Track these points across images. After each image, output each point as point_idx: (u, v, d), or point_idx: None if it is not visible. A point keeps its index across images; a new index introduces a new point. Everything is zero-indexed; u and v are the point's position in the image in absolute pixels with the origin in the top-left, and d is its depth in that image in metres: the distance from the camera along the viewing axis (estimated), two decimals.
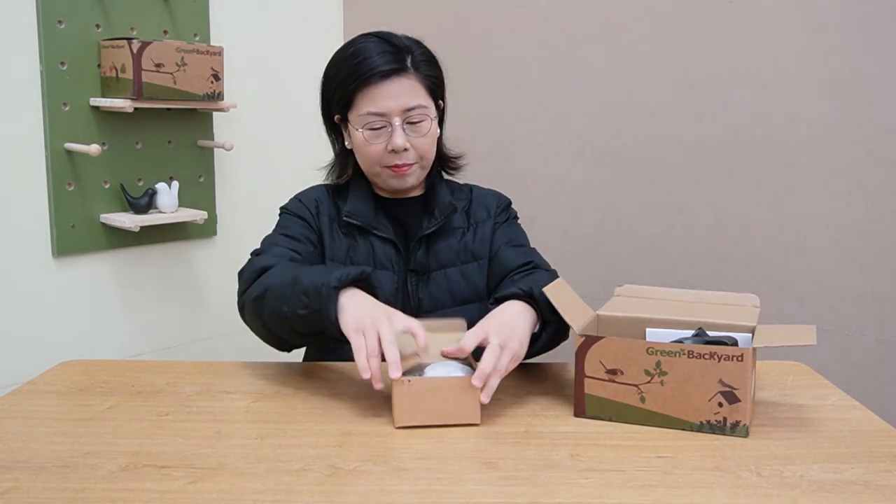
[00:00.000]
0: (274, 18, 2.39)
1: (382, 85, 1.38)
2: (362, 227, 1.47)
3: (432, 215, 1.48)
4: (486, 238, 1.52)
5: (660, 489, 0.96)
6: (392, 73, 1.38)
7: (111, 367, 1.44)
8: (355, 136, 1.43)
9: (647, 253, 2.27)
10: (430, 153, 1.46)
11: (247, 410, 1.23)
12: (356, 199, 1.49)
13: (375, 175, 1.46)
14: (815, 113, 2.06)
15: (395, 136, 1.39)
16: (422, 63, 1.42)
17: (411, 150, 1.42)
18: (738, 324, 1.23)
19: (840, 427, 1.16)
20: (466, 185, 1.60)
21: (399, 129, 1.39)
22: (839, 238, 2.06)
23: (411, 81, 1.40)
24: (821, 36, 2.03)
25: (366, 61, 1.38)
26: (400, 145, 1.39)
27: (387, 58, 1.38)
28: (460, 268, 1.49)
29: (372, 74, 1.38)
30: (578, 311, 1.24)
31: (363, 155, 1.44)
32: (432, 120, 1.43)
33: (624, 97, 2.26)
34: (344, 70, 1.41)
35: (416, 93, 1.40)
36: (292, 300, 1.22)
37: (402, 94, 1.39)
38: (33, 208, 1.89)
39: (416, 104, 1.40)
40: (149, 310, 2.14)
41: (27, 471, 1.00)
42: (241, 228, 2.31)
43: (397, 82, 1.39)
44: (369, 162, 1.44)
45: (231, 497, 0.94)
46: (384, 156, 1.42)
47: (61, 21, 1.87)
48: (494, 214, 1.54)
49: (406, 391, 1.13)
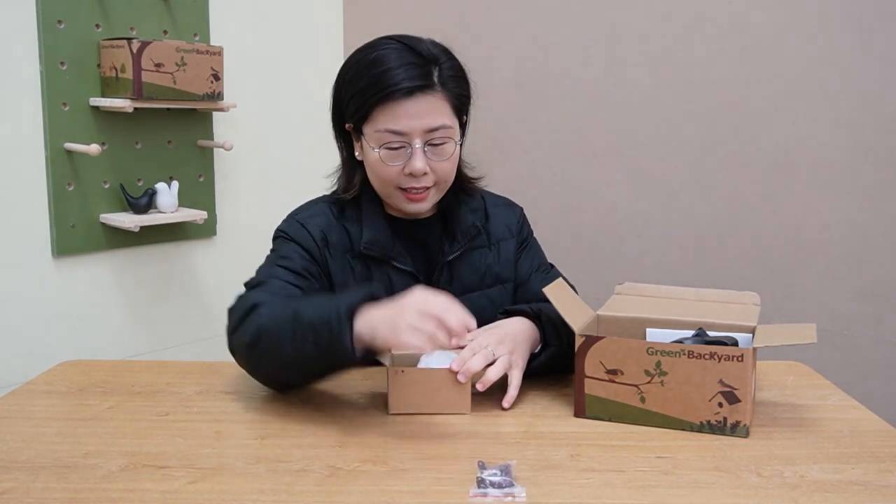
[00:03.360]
0: (274, 18, 2.39)
1: (405, 102, 1.24)
2: (380, 258, 1.34)
3: (454, 239, 1.37)
4: (509, 259, 1.43)
5: (660, 489, 0.96)
6: (416, 91, 1.24)
7: (111, 367, 1.44)
8: (369, 153, 1.29)
9: (646, 253, 2.27)
10: (450, 178, 1.33)
11: (247, 410, 1.23)
12: (372, 227, 1.34)
13: (388, 197, 1.33)
14: (815, 113, 2.06)
15: (414, 160, 1.26)
16: (449, 79, 1.28)
17: (430, 174, 1.28)
18: (739, 324, 1.23)
19: (840, 427, 1.15)
20: (477, 192, 1.46)
21: (419, 151, 1.26)
22: (839, 238, 2.06)
23: (437, 100, 1.26)
24: (820, 36, 2.03)
25: (388, 73, 1.24)
26: (419, 169, 1.26)
27: (412, 72, 1.24)
28: (485, 291, 1.41)
29: (394, 90, 1.23)
30: (578, 311, 1.23)
31: (377, 175, 1.30)
32: (456, 143, 1.30)
33: (624, 97, 2.26)
34: (363, 79, 1.26)
35: (441, 112, 1.26)
36: (296, 338, 1.11)
37: (425, 114, 1.25)
38: (33, 208, 1.89)
39: (441, 125, 1.26)
40: (149, 310, 2.14)
41: (27, 471, 1.00)
42: (241, 228, 2.31)
43: (422, 100, 1.24)
44: (382, 183, 1.31)
45: (231, 497, 0.94)
46: (400, 178, 1.28)
47: (61, 21, 1.87)
48: (516, 233, 1.46)
49: (400, 381, 1.17)
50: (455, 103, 1.29)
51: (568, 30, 2.31)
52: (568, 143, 2.35)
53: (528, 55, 2.37)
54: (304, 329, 1.10)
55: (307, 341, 1.10)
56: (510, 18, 2.38)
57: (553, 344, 1.27)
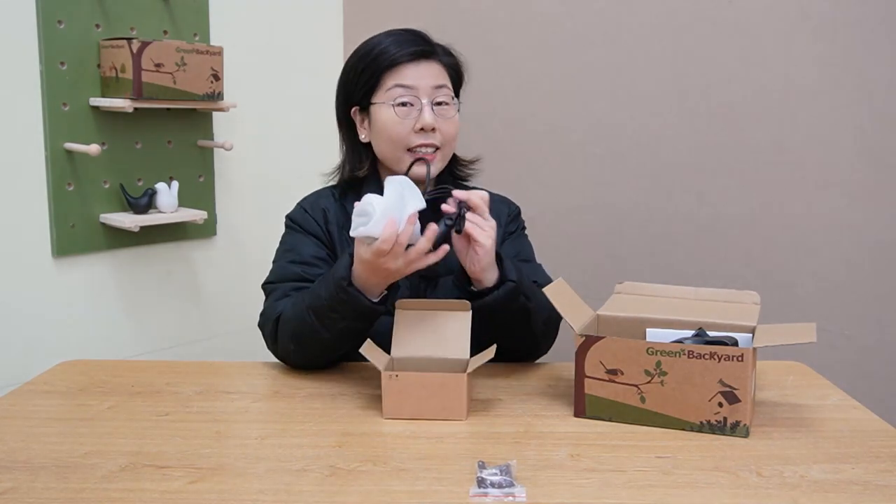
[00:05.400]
0: (274, 18, 2.39)
1: (411, 65, 1.39)
2: None
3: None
4: None
5: (660, 489, 0.96)
6: (420, 57, 1.39)
7: (111, 367, 1.44)
8: (380, 116, 1.39)
9: (646, 253, 2.27)
10: (453, 142, 1.44)
11: (247, 410, 1.23)
12: None
13: (398, 161, 1.40)
14: (815, 113, 2.06)
15: (424, 114, 1.37)
16: (444, 55, 1.44)
17: (438, 133, 1.39)
18: (739, 324, 1.23)
19: (840, 427, 1.15)
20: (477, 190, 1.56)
21: (428, 107, 1.38)
22: (839, 238, 2.06)
23: (438, 67, 1.42)
24: (821, 36, 2.03)
25: (392, 46, 1.39)
26: (429, 122, 1.37)
27: (415, 45, 1.40)
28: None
29: (401, 55, 1.38)
30: (578, 311, 1.24)
31: (389, 135, 1.39)
32: (456, 107, 1.43)
33: (624, 97, 2.26)
34: (370, 55, 1.41)
35: (442, 76, 1.42)
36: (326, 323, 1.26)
37: (429, 76, 1.39)
38: (33, 208, 1.89)
39: (444, 83, 1.41)
40: (148, 310, 2.14)
41: (27, 471, 1.00)
42: (241, 228, 2.31)
43: (424, 65, 1.40)
44: (393, 144, 1.39)
45: (231, 497, 0.94)
46: (410, 136, 1.38)
47: (61, 21, 1.87)
48: (504, 224, 1.51)
49: (394, 385, 1.16)
50: (452, 76, 1.45)
51: (568, 30, 2.31)
52: (568, 143, 2.35)
53: (528, 55, 2.37)
54: (327, 314, 1.25)
55: (336, 321, 1.25)
56: (510, 18, 2.38)
57: (511, 279, 1.28)
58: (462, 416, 1.17)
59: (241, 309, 2.14)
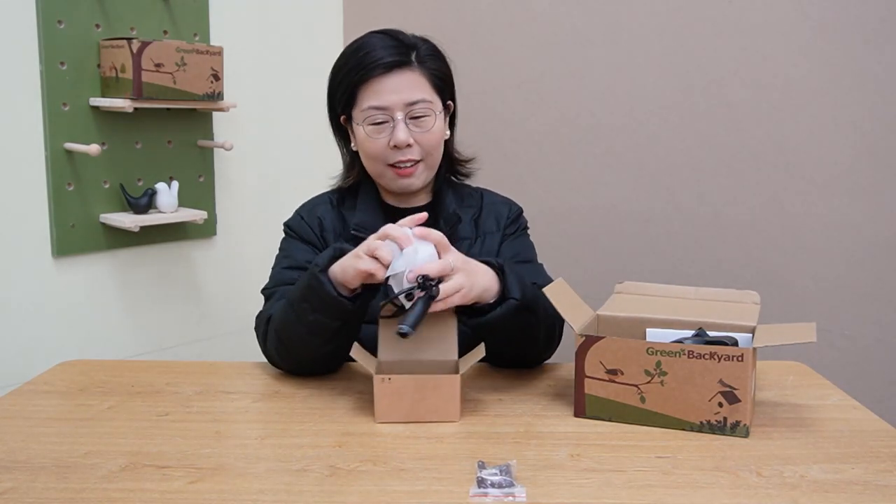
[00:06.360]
0: (274, 18, 2.39)
1: (385, 78, 1.34)
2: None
3: (437, 226, 1.39)
4: (492, 251, 1.46)
5: (660, 489, 0.96)
6: (395, 67, 1.34)
7: (111, 367, 1.44)
8: (358, 132, 1.38)
9: (646, 253, 2.27)
10: (436, 151, 1.40)
11: (247, 410, 1.23)
12: (364, 211, 1.44)
13: (380, 176, 1.41)
14: (815, 113, 2.06)
15: (396, 131, 1.34)
16: (427, 57, 1.39)
17: (415, 147, 1.36)
18: (739, 324, 1.23)
19: (840, 427, 1.15)
20: (478, 191, 1.53)
21: (401, 123, 1.34)
22: (839, 238, 2.06)
23: (415, 75, 1.36)
24: (821, 36, 2.03)
25: (368, 55, 1.35)
26: (402, 140, 1.34)
27: (390, 51, 1.35)
28: None
29: (374, 67, 1.34)
30: (578, 311, 1.23)
31: (366, 153, 1.39)
32: (437, 115, 1.38)
33: (624, 97, 2.26)
34: (348, 64, 1.38)
35: (420, 87, 1.36)
36: (300, 315, 1.24)
37: (404, 88, 1.35)
38: (33, 208, 1.89)
39: (420, 98, 1.35)
40: (148, 310, 2.14)
41: (27, 471, 1.00)
42: (241, 228, 2.31)
43: (400, 76, 1.35)
44: (373, 160, 1.39)
45: (231, 497, 0.94)
46: (387, 152, 1.36)
47: (61, 21, 1.87)
48: (504, 226, 1.49)
49: (386, 389, 1.15)
50: (434, 81, 1.39)
51: (568, 29, 2.31)
52: (568, 143, 2.35)
53: (527, 55, 2.37)
54: (299, 304, 1.23)
55: (307, 312, 1.22)
56: (510, 18, 2.38)
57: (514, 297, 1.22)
58: (455, 417, 1.16)
59: (240, 309, 2.14)
